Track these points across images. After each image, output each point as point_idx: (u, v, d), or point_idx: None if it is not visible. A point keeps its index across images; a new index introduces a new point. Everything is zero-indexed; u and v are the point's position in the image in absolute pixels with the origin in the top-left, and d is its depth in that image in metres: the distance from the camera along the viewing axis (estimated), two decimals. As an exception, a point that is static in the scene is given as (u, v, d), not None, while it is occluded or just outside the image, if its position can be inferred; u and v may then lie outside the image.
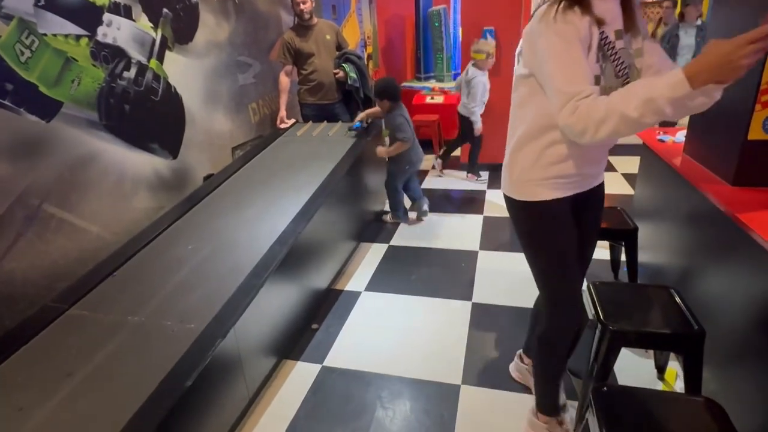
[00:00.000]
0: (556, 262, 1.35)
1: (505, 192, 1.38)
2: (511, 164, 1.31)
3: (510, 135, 1.34)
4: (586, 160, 1.25)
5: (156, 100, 2.56)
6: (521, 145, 1.27)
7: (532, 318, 1.74)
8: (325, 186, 2.54)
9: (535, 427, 1.52)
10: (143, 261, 2.03)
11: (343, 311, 2.35)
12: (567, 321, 1.39)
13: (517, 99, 1.29)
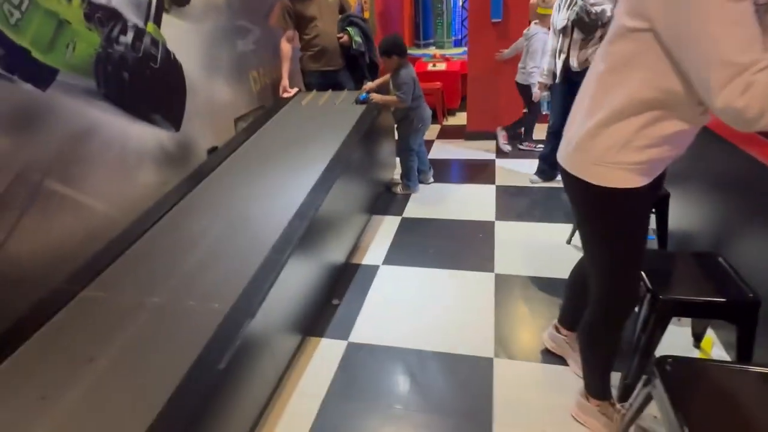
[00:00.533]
0: (632, 251, 1.22)
1: (575, 173, 1.16)
2: (591, 142, 1.09)
3: (589, 105, 1.11)
4: (687, 141, 1.07)
5: (155, 67, 2.39)
6: (611, 120, 1.04)
7: (569, 289, 1.67)
8: (339, 157, 2.43)
9: (586, 410, 1.46)
10: (155, 239, 1.92)
11: (362, 285, 2.28)
12: (624, 311, 1.30)
13: (611, 59, 1.03)
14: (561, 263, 2.35)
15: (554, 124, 3.22)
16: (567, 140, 1.21)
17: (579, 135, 1.14)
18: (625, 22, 0.99)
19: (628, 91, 1.01)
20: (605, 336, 1.34)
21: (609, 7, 2.67)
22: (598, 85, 1.09)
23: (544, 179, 3.38)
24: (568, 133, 1.20)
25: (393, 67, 3.00)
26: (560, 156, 1.24)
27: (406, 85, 2.97)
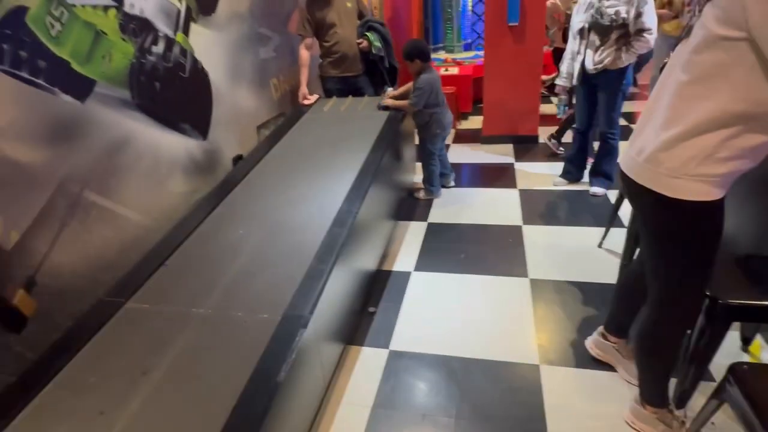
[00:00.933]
0: (703, 264, 1.19)
1: (648, 184, 1.12)
2: (667, 153, 1.05)
3: (666, 115, 1.07)
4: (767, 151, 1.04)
5: (184, 77, 2.39)
6: (694, 132, 1.00)
7: (619, 296, 1.64)
8: (368, 164, 2.42)
9: (643, 418, 1.44)
10: (193, 249, 1.91)
11: (396, 293, 2.27)
12: (689, 321, 1.28)
13: (696, 70, 0.99)
14: (595, 267, 2.35)
15: (579, 125, 3.22)
16: (636, 150, 1.18)
17: (653, 146, 1.11)
18: (716, 30, 0.95)
19: (716, 103, 0.98)
20: (667, 345, 1.32)
21: (623, 8, 2.68)
22: (679, 95, 1.05)
23: (569, 181, 3.37)
24: (637, 143, 1.18)
25: (416, 71, 3.02)
26: (627, 166, 1.22)
27: (420, 90, 2.99)
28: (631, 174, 1.19)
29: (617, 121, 3.04)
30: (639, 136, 1.18)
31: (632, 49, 2.76)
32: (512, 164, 3.86)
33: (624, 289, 1.60)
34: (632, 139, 1.22)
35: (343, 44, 3.36)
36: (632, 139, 1.22)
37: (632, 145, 1.21)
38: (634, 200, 1.25)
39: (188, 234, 1.99)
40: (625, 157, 1.23)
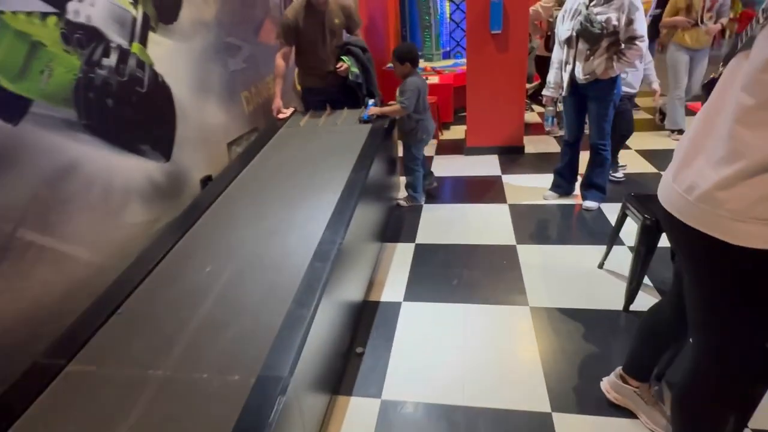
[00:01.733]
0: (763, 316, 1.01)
1: (702, 228, 0.96)
2: (729, 192, 0.90)
3: (726, 147, 0.90)
4: None
5: (142, 92, 2.14)
6: (765, 167, 0.86)
7: (643, 338, 1.43)
8: (351, 184, 2.20)
9: None
10: (152, 291, 1.65)
11: (386, 328, 2.05)
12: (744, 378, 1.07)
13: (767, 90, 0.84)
14: (598, 291, 2.18)
15: (569, 137, 3.08)
16: (685, 186, 0.99)
17: (709, 182, 0.93)
18: None
19: None
20: (719, 406, 1.13)
21: (614, 15, 2.56)
22: (743, 122, 0.87)
23: (560, 194, 3.23)
24: (685, 177, 0.99)
25: (404, 73, 2.97)
26: (672, 204, 1.03)
27: (409, 92, 2.95)
28: (680, 214, 1.01)
29: (609, 131, 2.92)
30: (686, 168, 1.00)
31: (624, 58, 2.64)
32: (499, 177, 3.71)
33: (649, 331, 1.42)
34: (676, 170, 1.03)
35: (324, 63, 3.11)
36: (676, 171, 1.03)
37: (677, 179, 1.02)
38: (680, 243, 1.07)
39: (147, 273, 1.72)
40: (669, 192, 1.05)
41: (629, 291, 2.01)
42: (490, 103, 4.07)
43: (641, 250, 1.94)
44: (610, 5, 2.57)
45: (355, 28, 3.20)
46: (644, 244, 1.92)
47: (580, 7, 2.66)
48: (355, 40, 3.20)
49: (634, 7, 2.53)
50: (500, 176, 3.72)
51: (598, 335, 1.92)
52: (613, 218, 2.88)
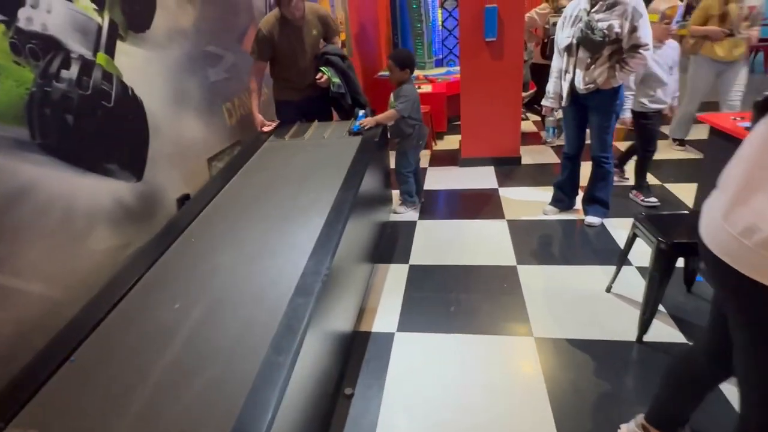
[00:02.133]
0: None
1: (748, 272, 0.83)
2: None
3: None
4: None
5: (109, 107, 1.95)
6: None
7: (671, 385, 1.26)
8: (341, 204, 2.03)
9: None
10: (112, 332, 1.46)
11: (378, 364, 1.87)
12: None
13: None
14: (607, 319, 2.02)
15: (569, 149, 2.94)
16: (741, 228, 0.84)
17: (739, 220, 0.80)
18: None
19: None
20: None
21: (617, 22, 2.42)
22: None
23: (560, 209, 3.07)
24: (739, 217, 0.84)
25: (401, 80, 2.97)
26: (718, 244, 0.87)
27: (405, 97, 2.95)
28: (734, 261, 0.85)
29: (611, 143, 2.78)
30: (741, 206, 0.84)
31: (627, 67, 2.50)
32: (496, 190, 3.55)
33: (679, 380, 1.25)
34: (727, 207, 0.87)
35: (303, 75, 2.97)
36: (727, 209, 0.87)
37: (728, 218, 0.86)
38: (731, 292, 0.90)
39: (108, 311, 1.53)
40: (718, 234, 0.88)
41: (642, 320, 1.85)
42: (486, 112, 3.93)
43: (655, 276, 1.78)
44: (613, 11, 2.44)
45: (333, 36, 3.06)
46: (659, 270, 1.77)
47: (581, 14, 2.52)
48: (333, 48, 3.04)
49: (638, 14, 2.40)
50: (497, 189, 3.57)
51: (611, 370, 1.75)
52: (617, 234, 2.73)
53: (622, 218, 2.90)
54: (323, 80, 2.92)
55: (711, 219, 0.92)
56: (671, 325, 1.95)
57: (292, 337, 1.34)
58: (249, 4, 3.30)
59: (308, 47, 2.92)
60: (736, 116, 2.06)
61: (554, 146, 4.52)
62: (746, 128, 1.91)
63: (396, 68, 2.94)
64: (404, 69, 2.94)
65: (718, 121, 2.06)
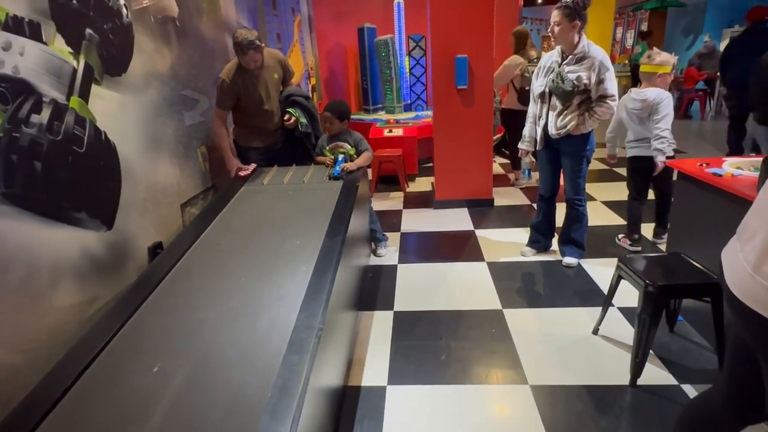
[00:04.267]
0: None
1: None
2: None
3: None
4: None
5: (80, 152, 1.84)
6: None
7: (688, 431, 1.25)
8: (328, 251, 1.96)
9: None
10: (82, 402, 1.30)
11: (372, 422, 1.76)
12: None
13: None
14: (599, 363, 2.01)
15: (544, 191, 3.02)
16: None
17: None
18: None
19: None
20: None
21: (585, 74, 2.58)
22: None
23: (538, 250, 3.12)
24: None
25: (343, 129, 2.98)
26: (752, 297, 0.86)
27: (363, 138, 3.02)
28: (761, 309, 0.84)
29: (583, 186, 2.87)
30: None
31: (595, 115, 2.64)
32: (473, 231, 3.58)
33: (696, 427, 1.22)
34: (758, 259, 0.87)
35: (266, 119, 2.98)
36: (759, 260, 0.87)
37: (761, 270, 0.87)
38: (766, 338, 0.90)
39: (74, 379, 1.37)
40: (750, 285, 0.88)
41: (635, 364, 1.85)
42: (458, 156, 4.02)
43: (645, 320, 1.80)
44: (582, 64, 2.59)
45: (290, 78, 3.12)
46: (648, 313, 1.79)
47: (553, 65, 2.67)
48: (295, 90, 3.13)
49: (604, 68, 2.56)
50: (473, 231, 3.60)
51: (611, 417, 1.72)
52: (594, 274, 2.79)
53: (598, 258, 2.98)
54: (292, 122, 2.97)
55: (739, 270, 0.93)
56: (660, 367, 1.97)
57: (290, 401, 1.23)
58: (225, 48, 3.29)
59: (272, 91, 2.96)
60: (702, 162, 2.19)
61: (523, 188, 4.67)
62: (714, 174, 2.02)
63: (336, 120, 2.91)
64: (343, 121, 2.95)
65: (685, 167, 2.18)
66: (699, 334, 2.16)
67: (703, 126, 7.67)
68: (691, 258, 1.96)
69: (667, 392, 1.82)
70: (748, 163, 2.12)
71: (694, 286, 1.80)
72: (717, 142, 6.20)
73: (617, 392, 1.84)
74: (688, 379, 1.88)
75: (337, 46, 6.74)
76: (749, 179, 1.90)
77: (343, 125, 2.96)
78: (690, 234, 2.19)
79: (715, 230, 2.02)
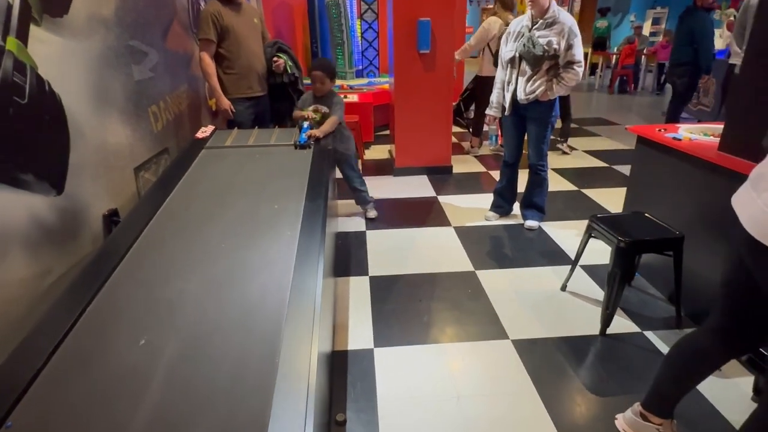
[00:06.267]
0: None
1: None
2: None
3: None
4: None
5: (22, 103, 1.59)
6: None
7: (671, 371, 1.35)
8: (311, 215, 1.88)
9: None
10: (60, 384, 1.16)
11: (365, 384, 1.75)
12: None
13: None
14: (571, 317, 2.15)
15: (509, 157, 3.09)
16: None
17: None
18: None
19: None
20: None
21: (555, 39, 2.63)
22: None
23: (500, 214, 3.23)
24: None
25: (328, 89, 2.92)
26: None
27: (341, 105, 2.98)
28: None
29: (546, 152, 2.98)
30: None
31: (563, 81, 2.71)
32: (436, 198, 3.62)
33: (684, 365, 1.33)
34: None
35: (252, 58, 2.94)
36: None
37: None
38: None
39: (48, 356, 1.22)
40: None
41: (605, 316, 1.99)
42: (418, 123, 4.00)
43: (616, 273, 1.92)
44: (552, 29, 2.63)
45: (267, 36, 3.16)
46: (620, 266, 1.91)
47: (523, 30, 2.69)
48: (280, 41, 3.17)
49: (573, 34, 2.62)
50: (436, 197, 3.64)
51: (588, 364, 1.85)
52: (555, 236, 2.93)
53: (557, 221, 3.14)
54: (280, 63, 3.03)
55: (759, 215, 1.00)
56: (623, 317, 2.13)
57: (302, 368, 1.18)
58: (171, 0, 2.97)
59: (253, 31, 2.95)
60: (660, 128, 2.34)
61: (477, 156, 4.77)
62: (673, 138, 2.17)
63: (327, 79, 2.87)
64: (333, 80, 2.92)
65: (645, 132, 2.32)
66: (653, 287, 2.36)
67: (633, 101, 8.23)
68: (652, 216, 2.11)
69: (633, 339, 1.98)
70: (698, 129, 2.29)
71: (661, 241, 1.94)
72: (642, 113, 6.73)
73: (590, 341, 1.97)
74: (649, 326, 2.06)
75: (283, 5, 6.35)
76: (705, 143, 2.06)
77: (332, 84, 2.91)
78: (649, 195, 2.35)
79: (673, 190, 2.19)
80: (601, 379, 1.76)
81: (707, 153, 1.94)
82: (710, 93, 5.92)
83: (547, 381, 1.75)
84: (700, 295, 2.01)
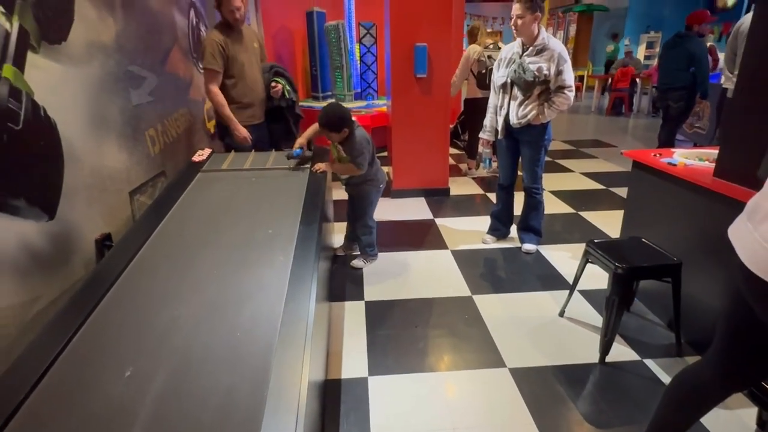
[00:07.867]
0: None
1: None
2: None
3: None
4: None
5: (16, 130, 1.59)
6: None
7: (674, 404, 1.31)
8: (306, 240, 1.86)
9: None
10: (40, 417, 1.12)
11: (358, 415, 1.70)
12: None
13: None
14: (569, 344, 2.11)
15: (503, 180, 3.10)
16: None
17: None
18: None
19: None
20: None
21: (545, 65, 2.66)
22: None
23: (498, 237, 3.21)
24: None
25: (341, 138, 2.53)
26: None
27: (362, 149, 2.55)
28: None
29: (541, 175, 2.99)
30: None
31: (554, 105, 2.74)
32: (433, 220, 3.61)
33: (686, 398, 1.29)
34: None
35: (253, 86, 2.95)
36: None
37: None
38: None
39: (31, 387, 1.18)
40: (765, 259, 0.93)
41: (604, 343, 1.95)
42: (416, 145, 4.03)
43: (614, 300, 1.90)
44: (542, 55, 2.67)
45: (265, 59, 3.17)
46: (617, 293, 1.89)
47: (514, 56, 2.73)
48: (276, 64, 3.18)
49: (563, 59, 2.66)
50: (433, 220, 3.63)
51: (587, 393, 1.80)
52: (552, 259, 2.91)
53: (555, 244, 3.12)
54: (278, 89, 3.02)
55: (756, 248, 0.98)
56: (623, 344, 2.09)
57: (291, 400, 1.15)
58: (172, 24, 3.03)
59: (253, 57, 2.96)
60: (655, 152, 2.34)
61: (475, 177, 4.79)
62: (669, 163, 2.17)
63: (333, 133, 2.50)
64: (341, 130, 2.49)
65: (641, 157, 2.32)
66: (652, 312, 2.33)
67: (628, 123, 8.31)
68: (650, 241, 2.10)
69: (633, 367, 1.94)
70: (694, 154, 2.30)
71: (658, 268, 1.92)
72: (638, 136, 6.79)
73: (589, 370, 1.94)
74: (648, 354, 2.02)
75: (283, 30, 6.47)
76: (701, 168, 2.06)
77: (342, 135, 2.51)
78: (645, 219, 2.34)
79: (669, 215, 2.18)
80: (600, 410, 1.72)
81: (703, 179, 1.94)
82: (705, 116, 5.98)
83: (545, 411, 1.71)
84: (700, 322, 1.98)
